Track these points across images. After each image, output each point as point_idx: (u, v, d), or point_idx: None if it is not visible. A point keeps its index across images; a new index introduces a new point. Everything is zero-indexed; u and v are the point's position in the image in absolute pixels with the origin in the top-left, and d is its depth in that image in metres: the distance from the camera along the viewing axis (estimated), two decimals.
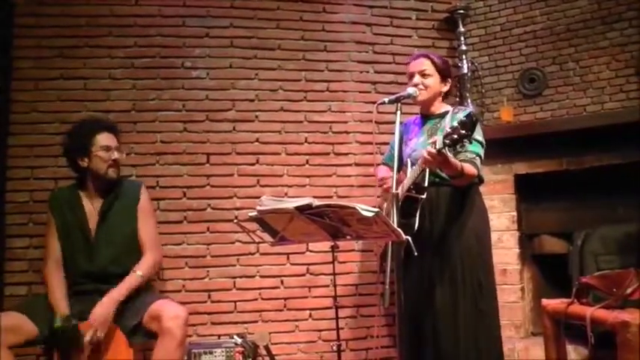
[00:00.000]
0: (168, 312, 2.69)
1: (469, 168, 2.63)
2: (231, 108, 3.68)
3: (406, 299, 2.49)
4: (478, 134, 2.72)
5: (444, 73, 2.92)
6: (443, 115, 2.86)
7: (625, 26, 3.58)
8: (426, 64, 2.89)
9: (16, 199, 3.40)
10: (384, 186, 2.94)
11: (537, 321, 3.68)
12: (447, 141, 2.29)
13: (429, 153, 2.38)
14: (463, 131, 2.26)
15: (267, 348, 3.24)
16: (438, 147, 2.33)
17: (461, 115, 2.57)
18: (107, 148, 2.90)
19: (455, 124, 2.29)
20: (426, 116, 2.96)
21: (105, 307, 2.68)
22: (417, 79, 2.87)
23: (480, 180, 2.85)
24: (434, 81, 2.88)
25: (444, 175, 2.72)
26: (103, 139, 2.91)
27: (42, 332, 2.66)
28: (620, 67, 3.58)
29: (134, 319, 2.73)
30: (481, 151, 2.73)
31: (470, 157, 2.66)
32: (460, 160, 2.64)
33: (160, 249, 3.07)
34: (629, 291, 2.79)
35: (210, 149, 3.62)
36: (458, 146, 2.34)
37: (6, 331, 2.57)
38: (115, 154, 2.92)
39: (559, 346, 3.06)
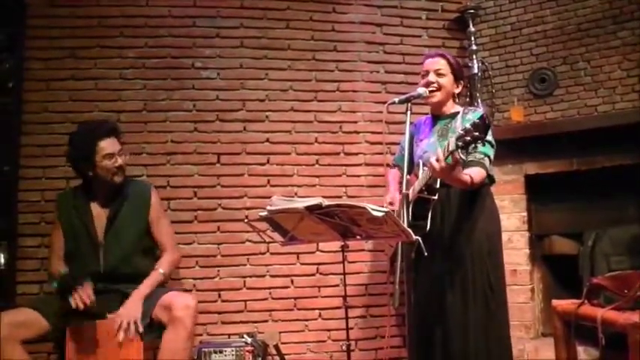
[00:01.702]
0: (179, 302, 2.71)
1: (477, 175, 2.60)
2: (242, 108, 3.69)
3: (416, 299, 2.49)
4: (488, 135, 2.72)
5: (457, 74, 2.92)
6: (454, 116, 2.86)
7: (637, 25, 3.55)
8: (441, 64, 2.89)
9: (27, 199, 3.43)
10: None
11: (547, 322, 3.67)
12: (460, 143, 2.28)
13: (434, 165, 2.36)
14: (476, 133, 2.25)
15: (276, 347, 3.25)
16: (450, 149, 2.31)
17: (471, 116, 2.58)
18: (110, 156, 2.86)
19: (468, 126, 2.28)
20: (437, 116, 2.95)
21: (133, 302, 2.72)
22: (431, 77, 2.87)
23: (491, 180, 2.84)
24: (448, 81, 2.88)
25: None
26: (105, 146, 2.86)
27: (53, 327, 2.68)
28: (632, 67, 3.56)
29: (145, 317, 2.74)
30: (490, 152, 2.72)
31: (479, 158, 2.66)
32: (469, 161, 2.63)
33: (177, 247, 3.13)
34: None
35: (221, 149, 3.64)
36: (470, 148, 2.33)
37: (19, 326, 2.59)
38: (119, 161, 2.88)
39: (569, 347, 3.04)
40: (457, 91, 2.93)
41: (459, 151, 2.31)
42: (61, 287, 2.70)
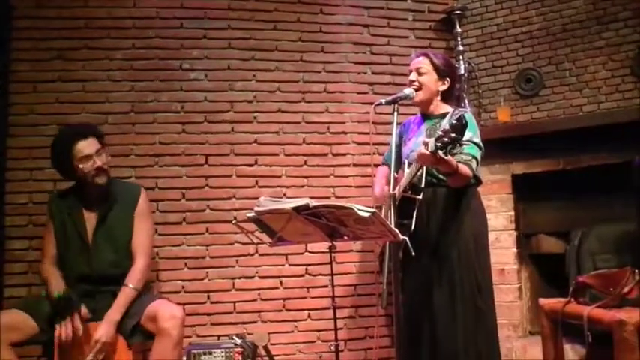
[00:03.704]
0: (165, 312, 2.70)
1: (464, 169, 2.62)
2: (230, 109, 3.69)
3: (404, 299, 2.50)
4: (476, 137, 2.73)
5: (441, 73, 2.89)
6: (443, 116, 2.85)
7: (620, 26, 3.59)
8: (422, 62, 2.89)
9: (15, 201, 3.41)
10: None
11: (535, 320, 3.70)
12: (439, 144, 2.30)
13: (421, 155, 2.39)
14: (454, 134, 2.28)
15: (266, 348, 3.25)
16: (430, 150, 2.34)
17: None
18: (87, 158, 2.82)
19: (446, 127, 2.31)
20: (426, 116, 2.96)
21: (105, 329, 2.68)
22: (412, 75, 2.89)
23: (478, 181, 2.85)
24: (429, 79, 2.87)
25: (440, 176, 2.73)
26: (81, 149, 2.82)
27: (42, 330, 2.68)
28: (616, 67, 3.60)
29: (132, 319, 2.74)
30: (477, 154, 2.73)
31: (465, 159, 2.66)
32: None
33: (149, 255, 3.03)
34: (625, 290, 2.81)
35: (209, 150, 3.64)
36: (449, 148, 2.35)
37: (8, 329, 2.58)
38: (97, 162, 2.84)
39: (556, 345, 3.07)
40: (442, 88, 2.91)
41: (439, 152, 2.34)
42: (53, 309, 2.69)
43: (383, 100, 2.71)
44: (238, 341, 3.13)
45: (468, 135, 2.61)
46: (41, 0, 3.56)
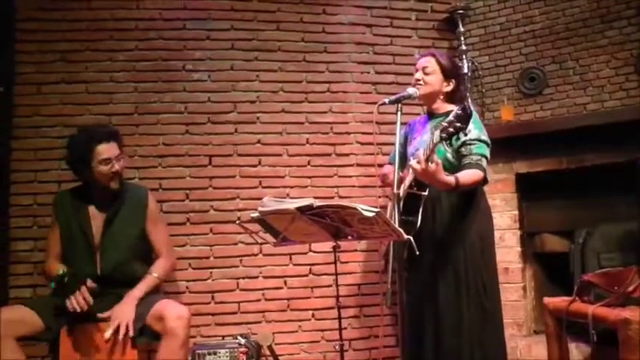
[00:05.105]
0: (172, 312, 2.70)
1: (469, 177, 2.60)
2: (233, 110, 3.70)
3: (409, 298, 2.50)
4: (483, 134, 2.73)
5: (447, 73, 2.90)
6: (448, 114, 2.84)
7: (624, 24, 3.58)
8: (428, 62, 2.89)
9: (20, 203, 3.42)
10: (386, 181, 2.95)
11: (539, 319, 3.68)
12: (444, 135, 2.31)
13: (414, 167, 2.39)
14: (458, 124, 2.28)
15: (270, 348, 3.26)
16: (435, 141, 2.34)
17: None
18: (107, 162, 2.84)
19: (450, 117, 2.31)
20: (431, 115, 2.96)
21: (127, 305, 2.72)
22: (418, 74, 2.89)
23: (485, 180, 2.85)
24: (435, 78, 2.87)
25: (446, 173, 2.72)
26: (103, 151, 2.84)
27: (48, 328, 2.68)
28: (620, 66, 3.59)
29: (139, 321, 2.74)
30: (487, 152, 2.73)
31: (475, 160, 2.66)
32: (466, 164, 2.65)
33: (173, 253, 3.11)
34: (630, 288, 2.80)
35: (213, 151, 3.64)
36: (454, 139, 2.34)
37: (13, 323, 2.60)
38: (116, 166, 2.86)
39: (561, 344, 3.06)
40: (447, 89, 2.91)
41: (444, 142, 2.33)
42: (58, 286, 2.69)
43: (386, 100, 2.70)
44: (243, 341, 3.14)
45: (475, 133, 2.62)
46: (44, 2, 3.57)
